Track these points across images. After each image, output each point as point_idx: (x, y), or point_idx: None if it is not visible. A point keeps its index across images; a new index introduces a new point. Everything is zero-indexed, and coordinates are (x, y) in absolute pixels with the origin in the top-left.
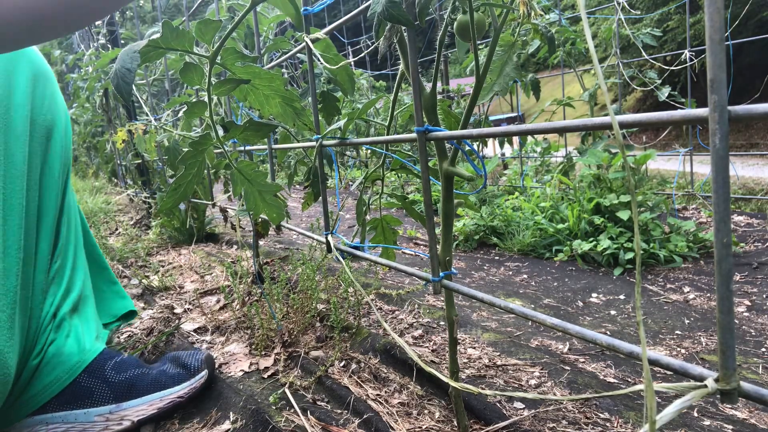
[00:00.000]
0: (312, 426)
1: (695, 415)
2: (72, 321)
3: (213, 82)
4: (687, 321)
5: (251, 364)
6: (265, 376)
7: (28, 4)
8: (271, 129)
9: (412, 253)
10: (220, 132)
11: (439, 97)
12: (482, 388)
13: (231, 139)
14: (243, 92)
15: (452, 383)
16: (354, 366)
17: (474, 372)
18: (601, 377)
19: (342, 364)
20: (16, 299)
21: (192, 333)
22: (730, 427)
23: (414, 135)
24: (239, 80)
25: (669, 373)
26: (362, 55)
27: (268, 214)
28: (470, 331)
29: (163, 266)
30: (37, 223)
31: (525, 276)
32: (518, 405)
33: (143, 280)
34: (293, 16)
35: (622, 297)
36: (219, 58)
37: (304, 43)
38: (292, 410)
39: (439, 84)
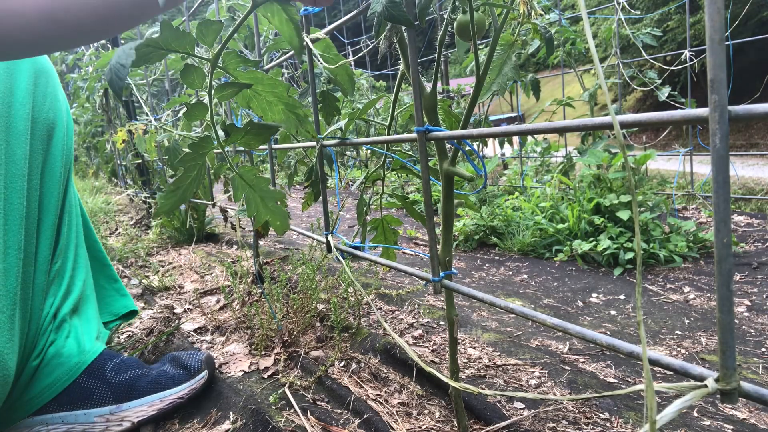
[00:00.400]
0: (312, 426)
1: (695, 415)
2: (72, 322)
3: (214, 86)
4: (687, 321)
5: (251, 364)
6: (265, 376)
7: (56, 15)
8: (273, 133)
9: (413, 253)
10: (221, 135)
11: (439, 97)
12: (482, 388)
13: (232, 143)
14: (246, 98)
15: (452, 383)
16: (354, 366)
17: (474, 372)
18: (601, 377)
19: (342, 364)
20: (16, 300)
21: (192, 333)
22: (730, 427)
23: (414, 135)
24: (241, 84)
25: (669, 373)
26: (362, 54)
27: (272, 222)
28: (470, 331)
29: (163, 266)
30: (37, 223)
31: (525, 276)
32: (518, 405)
33: (143, 280)
34: (296, 47)
35: (622, 297)
36: (221, 61)
37: (304, 43)
38: (292, 410)
39: (439, 84)
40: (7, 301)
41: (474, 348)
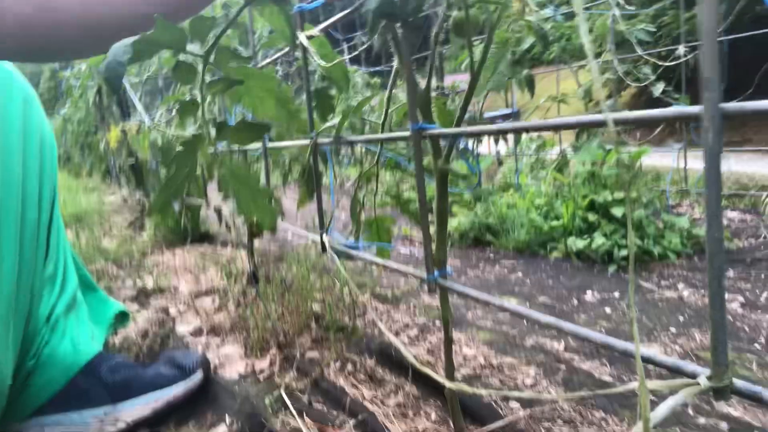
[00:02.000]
0: (308, 427)
1: (690, 412)
2: (67, 321)
3: (206, 81)
4: (681, 318)
5: (247, 365)
6: (261, 377)
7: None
8: (265, 130)
9: (408, 251)
10: (213, 132)
11: (434, 94)
12: (478, 388)
13: (223, 139)
14: (238, 94)
15: (448, 383)
16: (350, 367)
17: (470, 371)
18: (597, 375)
19: (338, 365)
20: (11, 307)
21: (187, 334)
22: (725, 424)
23: (409, 132)
24: (232, 80)
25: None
26: (357, 52)
27: (260, 219)
28: (466, 330)
29: (157, 267)
30: (37, 231)
31: (520, 274)
32: (514, 404)
33: (137, 281)
34: (288, 39)
35: (616, 294)
36: (212, 57)
37: (298, 41)
38: (288, 412)
39: (433, 81)
40: (3, 309)
41: (469, 347)
